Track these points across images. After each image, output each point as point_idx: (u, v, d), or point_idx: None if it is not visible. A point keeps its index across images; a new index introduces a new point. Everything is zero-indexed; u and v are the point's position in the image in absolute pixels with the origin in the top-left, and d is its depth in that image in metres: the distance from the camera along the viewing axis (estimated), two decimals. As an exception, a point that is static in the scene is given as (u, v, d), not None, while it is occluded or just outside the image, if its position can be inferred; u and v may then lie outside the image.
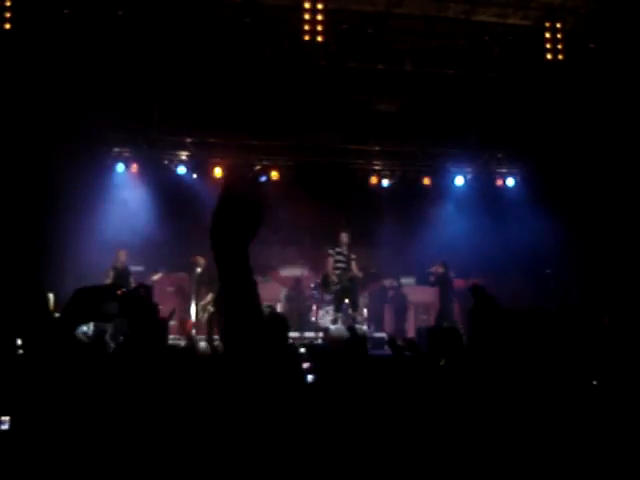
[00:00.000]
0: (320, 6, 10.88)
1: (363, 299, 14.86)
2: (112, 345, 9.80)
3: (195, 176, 15.71)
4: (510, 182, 16.47)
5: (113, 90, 13.26)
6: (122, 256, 13.31)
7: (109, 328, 10.90)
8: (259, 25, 11.69)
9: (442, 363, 5.16)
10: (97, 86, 12.92)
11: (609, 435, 4.12)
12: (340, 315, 13.78)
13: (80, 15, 11.07)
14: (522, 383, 4.38)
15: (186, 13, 11.50)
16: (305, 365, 5.74)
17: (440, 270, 14.53)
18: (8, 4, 10.28)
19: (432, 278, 14.76)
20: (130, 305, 3.87)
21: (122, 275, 13.06)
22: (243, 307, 2.16)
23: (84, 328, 8.98)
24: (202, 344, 12.24)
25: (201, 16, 11.59)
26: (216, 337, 13.18)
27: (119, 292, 4.11)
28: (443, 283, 14.58)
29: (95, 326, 10.35)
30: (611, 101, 12.94)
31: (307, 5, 10.89)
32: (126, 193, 15.22)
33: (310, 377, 5.24)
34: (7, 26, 10.42)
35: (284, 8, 11.28)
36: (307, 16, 10.90)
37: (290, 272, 15.80)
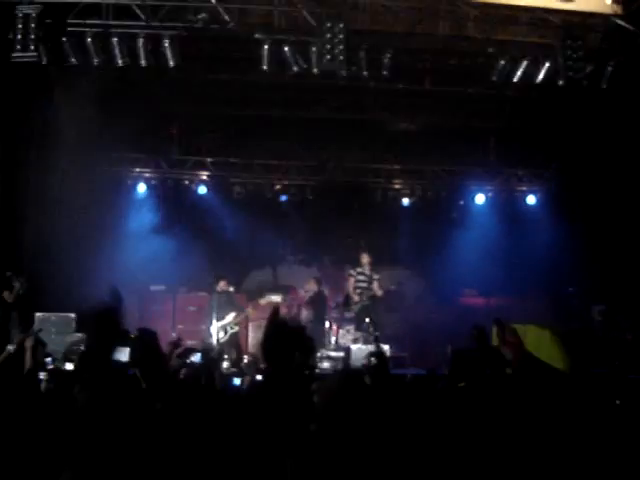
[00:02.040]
0: (341, 26, 10.91)
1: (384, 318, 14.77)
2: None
3: (215, 196, 15.79)
4: (531, 200, 16.40)
5: (134, 111, 13.37)
6: (222, 285, 13.53)
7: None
8: (279, 45, 11.74)
9: (461, 385, 5.13)
10: (118, 107, 13.03)
11: (634, 456, 4.07)
12: (361, 334, 13.71)
13: (102, 37, 11.17)
14: (542, 403, 4.34)
15: (207, 34, 11.59)
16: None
17: (313, 287, 14.03)
18: (32, 25, 10.40)
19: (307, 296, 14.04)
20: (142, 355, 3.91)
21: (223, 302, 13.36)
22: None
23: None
24: (224, 364, 12.20)
25: (221, 37, 11.68)
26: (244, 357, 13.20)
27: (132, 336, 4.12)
28: (317, 302, 13.99)
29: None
30: (632, 119, 12.88)
31: (328, 25, 10.93)
32: (147, 212, 15.32)
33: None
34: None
35: (304, 28, 11.34)
36: (328, 35, 10.93)
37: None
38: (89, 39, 10.85)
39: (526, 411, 4.40)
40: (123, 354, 4.45)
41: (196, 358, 8.23)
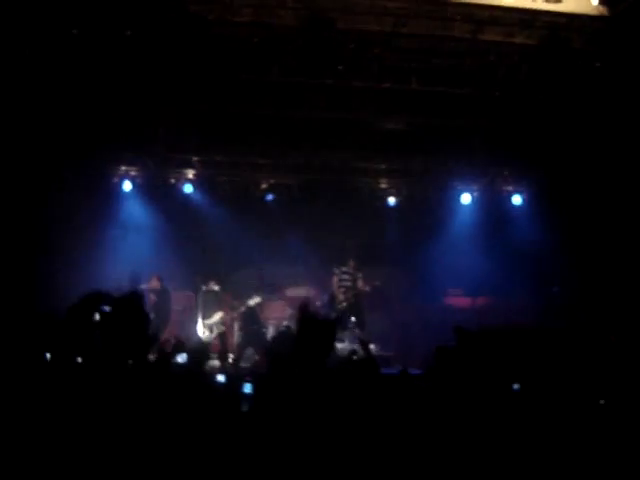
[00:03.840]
0: (327, 25, 10.91)
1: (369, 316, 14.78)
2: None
3: (201, 194, 15.75)
4: (516, 200, 16.44)
5: (120, 108, 13.31)
6: (211, 284, 13.59)
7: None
8: (266, 44, 11.74)
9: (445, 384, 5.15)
10: (103, 104, 12.97)
11: (616, 456, 4.09)
12: (346, 333, 13.71)
13: (89, 35, 11.12)
14: (527, 402, 4.36)
15: (193, 32, 11.55)
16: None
17: (156, 285, 13.82)
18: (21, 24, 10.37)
19: (152, 296, 13.55)
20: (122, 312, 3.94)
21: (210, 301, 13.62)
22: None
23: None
24: (212, 362, 12.20)
25: (208, 35, 11.64)
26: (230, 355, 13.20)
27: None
28: (163, 300, 13.91)
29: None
30: (617, 119, 12.95)
31: (314, 24, 10.92)
32: (132, 211, 15.27)
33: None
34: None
35: (291, 28, 11.34)
36: (314, 35, 10.93)
37: (296, 292, 15.75)
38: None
39: (510, 411, 4.42)
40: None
41: (182, 358, 8.22)
